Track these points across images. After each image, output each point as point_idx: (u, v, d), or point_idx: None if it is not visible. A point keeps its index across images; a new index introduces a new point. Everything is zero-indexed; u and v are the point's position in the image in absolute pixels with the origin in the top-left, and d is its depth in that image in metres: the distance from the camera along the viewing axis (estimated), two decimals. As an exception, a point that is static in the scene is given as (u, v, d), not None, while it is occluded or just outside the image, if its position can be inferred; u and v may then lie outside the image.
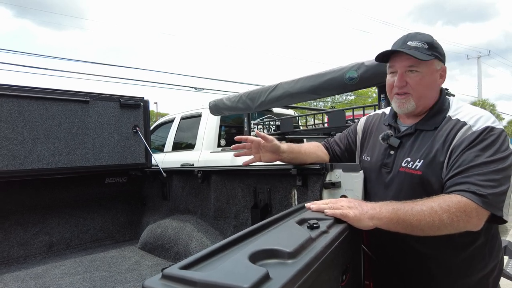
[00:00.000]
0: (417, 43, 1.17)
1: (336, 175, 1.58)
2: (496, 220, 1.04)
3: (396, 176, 1.20)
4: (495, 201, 1.00)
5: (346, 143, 1.55)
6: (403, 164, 1.18)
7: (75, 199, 2.95)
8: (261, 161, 1.50)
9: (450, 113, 1.18)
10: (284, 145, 1.49)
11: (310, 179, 1.71)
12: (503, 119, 35.59)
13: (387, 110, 1.44)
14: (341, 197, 1.57)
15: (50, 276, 2.26)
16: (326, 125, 3.88)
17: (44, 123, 2.52)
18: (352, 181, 1.53)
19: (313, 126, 4.99)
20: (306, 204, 1.13)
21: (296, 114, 4.89)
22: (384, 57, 1.26)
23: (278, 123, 4.09)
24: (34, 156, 2.46)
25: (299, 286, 0.63)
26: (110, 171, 2.97)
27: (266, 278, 0.58)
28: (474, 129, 1.09)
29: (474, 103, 32.34)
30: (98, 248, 2.89)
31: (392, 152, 1.25)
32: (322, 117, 4.73)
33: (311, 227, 0.90)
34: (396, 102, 1.24)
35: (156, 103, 32.22)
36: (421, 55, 1.14)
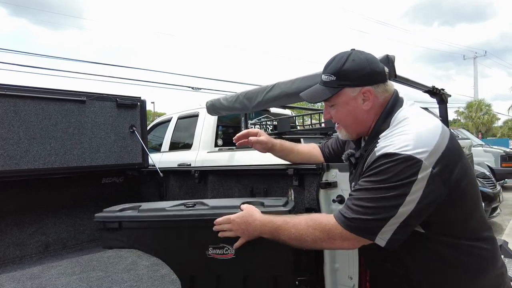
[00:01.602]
0: (326, 77, 1.20)
1: (332, 175, 1.59)
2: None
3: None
4: (362, 226, 1.04)
5: (336, 147, 1.66)
6: (352, 188, 1.27)
7: (72, 199, 2.94)
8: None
9: (381, 134, 1.14)
10: (277, 142, 1.69)
11: (306, 179, 1.72)
12: (499, 119, 35.75)
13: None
14: (337, 196, 1.58)
15: (46, 276, 2.25)
16: (323, 125, 3.89)
17: (40, 123, 2.51)
18: (348, 180, 1.54)
19: (310, 126, 5.00)
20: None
21: (293, 114, 4.89)
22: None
23: (275, 123, 4.10)
24: (30, 156, 2.45)
25: None
26: (107, 171, 2.96)
27: None
28: (377, 154, 1.06)
29: (470, 103, 32.47)
30: (94, 248, 2.88)
31: (353, 170, 1.30)
32: (319, 117, 4.74)
33: None
34: (337, 131, 1.32)
35: (153, 102, 32.25)
36: (324, 93, 1.19)
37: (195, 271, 1.58)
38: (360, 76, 1.16)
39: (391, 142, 1.06)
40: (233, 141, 1.76)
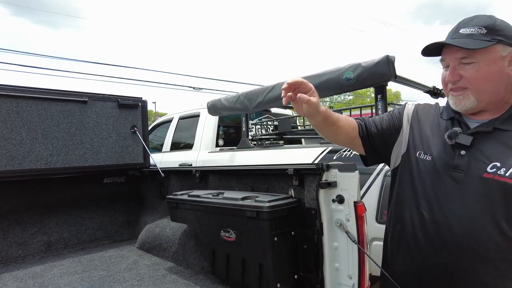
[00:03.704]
0: (472, 29, 1.00)
1: (332, 175, 1.60)
2: None
3: (476, 183, 0.99)
4: None
5: (387, 126, 1.25)
6: (489, 170, 0.97)
7: (73, 199, 2.96)
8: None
9: None
10: (323, 111, 1.19)
11: (306, 179, 1.73)
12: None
13: (438, 102, 1.27)
14: (337, 196, 1.59)
15: (48, 276, 2.27)
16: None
17: (42, 123, 2.53)
18: (348, 181, 1.55)
19: (311, 126, 5.00)
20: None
21: (294, 114, 4.90)
22: (433, 51, 1.09)
23: (276, 123, 4.11)
24: (33, 156, 2.47)
25: None
26: (108, 171, 2.98)
27: None
28: None
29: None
30: (96, 248, 2.90)
31: (463, 152, 1.03)
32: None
33: None
34: (452, 99, 1.07)
35: (154, 102, 32.24)
36: (473, 43, 0.97)
37: (214, 247, 1.98)
38: None
39: None
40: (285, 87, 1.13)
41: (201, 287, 1.98)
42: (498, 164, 0.97)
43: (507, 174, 0.95)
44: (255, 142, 3.75)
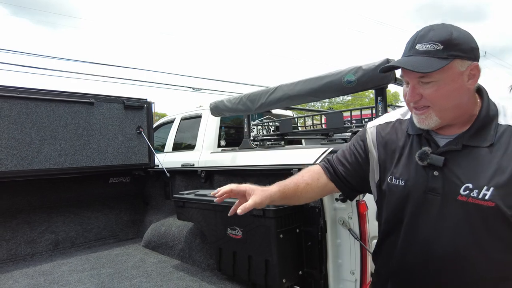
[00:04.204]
0: (428, 45, 0.95)
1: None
2: None
3: (453, 206, 0.96)
4: None
5: (354, 160, 1.21)
6: (462, 192, 0.95)
7: (80, 199, 3.02)
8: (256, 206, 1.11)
9: (502, 121, 0.97)
10: (274, 190, 1.15)
11: (310, 178, 1.80)
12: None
13: (399, 114, 1.19)
14: (340, 195, 1.66)
15: (58, 273, 2.33)
16: (324, 126, 3.97)
17: (51, 124, 2.58)
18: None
19: (311, 127, 5.07)
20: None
21: (295, 115, 4.97)
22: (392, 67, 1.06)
23: (277, 123, 4.17)
24: (41, 157, 2.53)
25: None
26: (114, 171, 3.04)
27: None
28: None
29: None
30: (102, 246, 2.96)
31: (436, 173, 1.00)
32: (320, 118, 4.81)
33: None
34: (415, 117, 1.04)
35: (153, 103, 32.17)
36: (428, 65, 0.93)
37: (221, 245, 2.04)
38: (472, 47, 0.96)
39: None
40: (212, 195, 1.17)
41: (208, 283, 2.05)
42: (470, 186, 0.94)
43: (479, 196, 0.92)
44: (257, 143, 3.81)
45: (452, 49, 0.94)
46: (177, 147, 4.82)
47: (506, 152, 0.93)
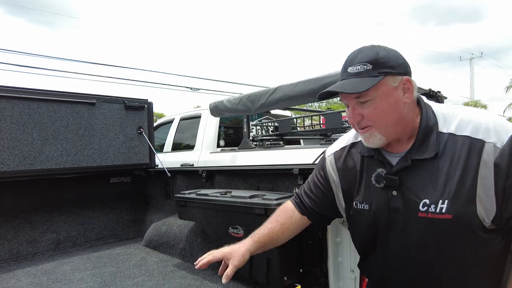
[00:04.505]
0: (358, 67, 0.99)
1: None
2: None
3: (415, 222, 0.98)
4: None
5: (319, 191, 1.25)
6: (421, 209, 0.97)
7: (81, 198, 3.04)
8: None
9: (442, 129, 0.99)
10: (250, 243, 1.23)
11: (311, 178, 1.83)
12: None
13: (352, 136, 1.21)
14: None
15: (60, 272, 2.35)
16: (322, 126, 4.00)
17: (52, 124, 2.60)
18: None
19: (310, 127, 5.10)
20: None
21: (293, 116, 5.00)
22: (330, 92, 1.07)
23: (276, 124, 4.20)
24: (43, 157, 2.55)
25: None
26: (115, 171, 3.06)
27: None
28: (499, 145, 0.90)
29: (466, 104, 32.77)
30: (103, 246, 2.98)
31: (394, 192, 1.03)
32: (319, 118, 4.85)
33: None
34: (362, 137, 1.07)
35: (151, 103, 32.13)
36: (360, 85, 0.96)
37: (223, 243, 1.92)
38: (400, 63, 1.00)
39: (499, 123, 0.94)
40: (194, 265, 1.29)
41: (210, 281, 2.07)
42: (427, 202, 0.96)
43: (437, 211, 0.94)
44: (256, 143, 3.84)
45: (381, 66, 0.97)
46: (176, 147, 4.85)
47: (453, 161, 0.94)
